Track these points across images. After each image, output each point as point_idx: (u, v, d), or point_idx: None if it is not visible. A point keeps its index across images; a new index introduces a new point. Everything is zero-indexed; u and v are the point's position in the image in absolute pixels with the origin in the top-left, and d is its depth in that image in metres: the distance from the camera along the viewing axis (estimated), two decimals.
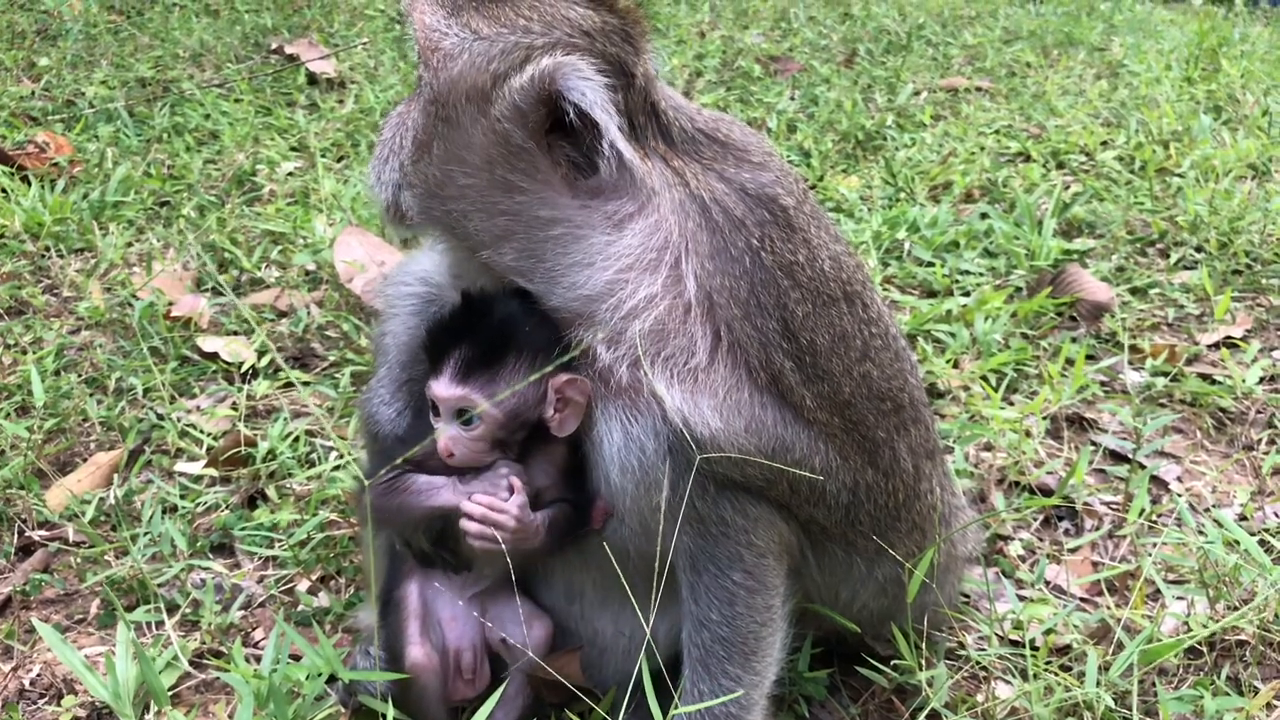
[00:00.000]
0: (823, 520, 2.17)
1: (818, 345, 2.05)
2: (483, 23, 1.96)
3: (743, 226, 2.03)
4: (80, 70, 6.26)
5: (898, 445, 2.21)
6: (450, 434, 2.08)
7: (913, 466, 2.25)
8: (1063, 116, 6.12)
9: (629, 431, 2.02)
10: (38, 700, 2.49)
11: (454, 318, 2.12)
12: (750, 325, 2.01)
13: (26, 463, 3.10)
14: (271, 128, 5.59)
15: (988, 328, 3.82)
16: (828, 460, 2.10)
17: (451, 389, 2.05)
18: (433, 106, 2.00)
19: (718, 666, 2.15)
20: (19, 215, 4.43)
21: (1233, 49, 7.42)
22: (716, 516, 2.07)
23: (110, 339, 3.79)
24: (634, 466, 2.03)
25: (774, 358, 2.02)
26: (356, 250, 4.11)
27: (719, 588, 2.13)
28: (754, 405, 2.02)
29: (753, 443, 2.01)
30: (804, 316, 2.04)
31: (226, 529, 2.96)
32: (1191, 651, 2.58)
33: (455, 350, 2.06)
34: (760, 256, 2.02)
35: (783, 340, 2.02)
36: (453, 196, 2.02)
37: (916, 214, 4.63)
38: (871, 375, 2.14)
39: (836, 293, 2.11)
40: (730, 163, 2.09)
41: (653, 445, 2.01)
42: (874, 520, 2.22)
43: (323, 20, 7.23)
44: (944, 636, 2.57)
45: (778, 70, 6.93)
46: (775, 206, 2.08)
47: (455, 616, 2.23)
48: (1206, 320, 4.10)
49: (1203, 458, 3.38)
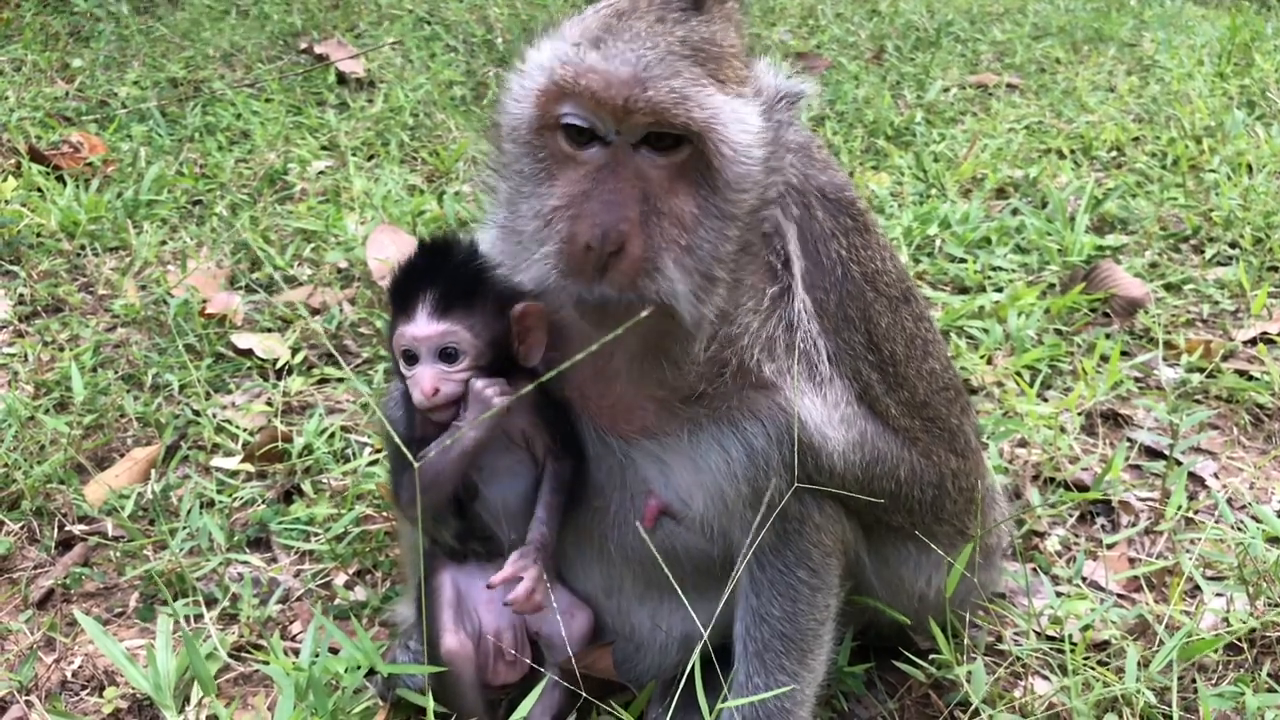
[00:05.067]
0: (901, 522, 2.19)
1: (897, 354, 2.09)
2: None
3: (833, 236, 2.03)
4: (113, 71, 6.31)
5: (965, 426, 2.28)
6: (433, 372, 2.09)
7: (976, 442, 2.33)
8: (1094, 112, 6.07)
9: (750, 442, 2.00)
10: (80, 691, 2.52)
11: (416, 264, 2.12)
12: (840, 339, 2.02)
13: (66, 458, 3.13)
14: (302, 127, 5.62)
15: (1021, 324, 3.80)
16: (913, 465, 2.14)
17: (432, 326, 2.07)
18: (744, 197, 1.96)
19: (774, 661, 2.16)
20: (55, 214, 4.47)
21: (1265, 44, 7.34)
22: (796, 513, 2.07)
23: (146, 336, 3.82)
24: (740, 476, 2.01)
25: (862, 370, 2.04)
26: (389, 248, 4.13)
27: (784, 584, 2.14)
28: (859, 418, 2.04)
29: (857, 456, 2.04)
30: (886, 327, 2.07)
31: (263, 523, 2.98)
32: (1231, 648, 2.57)
33: (425, 292, 2.08)
34: (850, 268, 2.03)
35: (868, 353, 2.05)
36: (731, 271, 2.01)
37: (947, 210, 4.61)
38: (935, 370, 2.18)
39: (901, 294, 2.14)
40: (802, 158, 2.09)
41: (775, 455, 1.99)
42: (957, 506, 2.26)
43: (355, 18, 7.27)
44: (982, 632, 2.56)
45: (806, 67, 6.92)
46: (854, 210, 2.08)
47: (492, 599, 2.24)
48: (1242, 316, 4.06)
49: (1239, 454, 3.36)
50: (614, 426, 2.10)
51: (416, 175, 5.12)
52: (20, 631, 2.66)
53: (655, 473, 2.09)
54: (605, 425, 2.12)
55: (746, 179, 1.83)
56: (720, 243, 1.84)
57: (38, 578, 2.83)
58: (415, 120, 5.71)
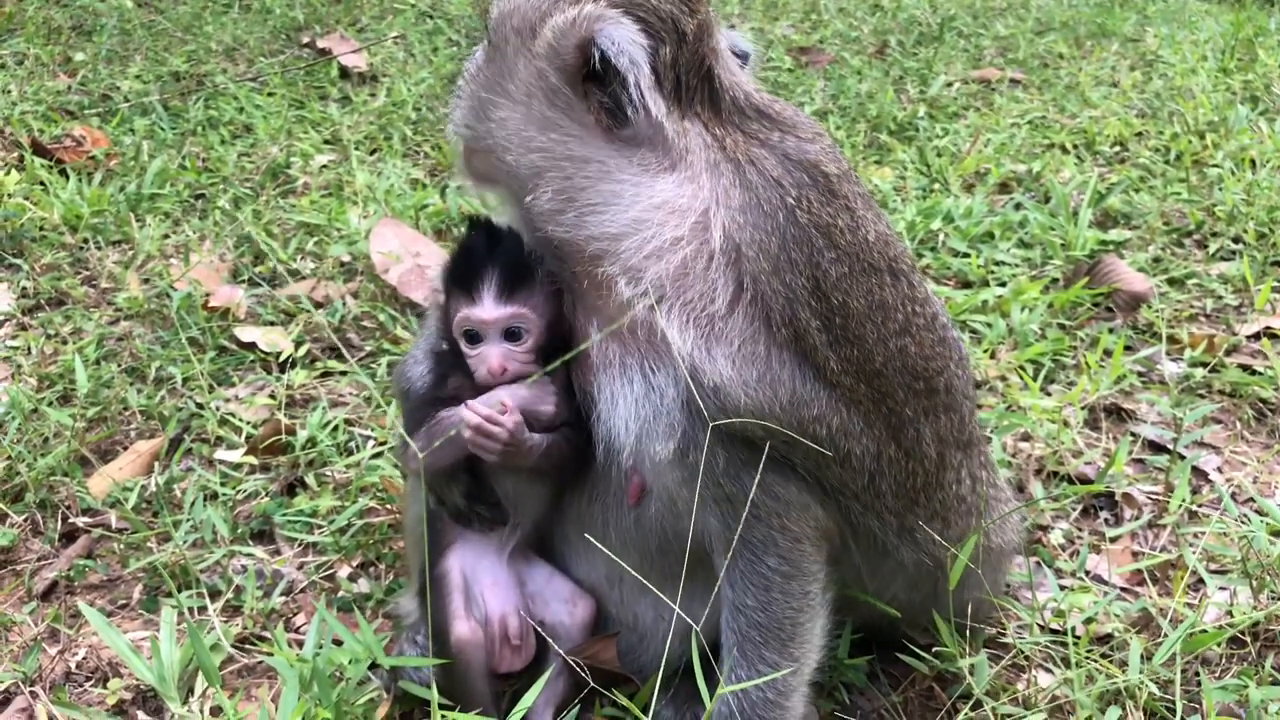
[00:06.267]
0: (850, 484, 2.13)
1: (850, 308, 2.03)
2: None
3: (779, 185, 2.03)
4: (115, 65, 6.30)
5: (923, 428, 2.18)
6: (501, 352, 2.16)
7: (936, 453, 2.21)
8: (1097, 108, 6.07)
9: (650, 380, 2.03)
10: (84, 682, 2.52)
11: (476, 247, 2.19)
12: (778, 280, 1.99)
13: (69, 450, 3.14)
14: (305, 121, 5.62)
15: (1024, 318, 3.80)
16: (847, 422, 2.07)
17: (500, 309, 2.14)
18: (488, 33, 2.12)
19: (754, 652, 2.14)
20: (57, 208, 4.47)
21: (1269, 39, 7.33)
22: (743, 495, 2.04)
23: (149, 329, 3.83)
24: (650, 417, 2.03)
25: (799, 314, 1.99)
26: (392, 241, 4.14)
27: (754, 573, 2.12)
28: (770, 358, 1.99)
29: (765, 394, 1.98)
30: (837, 278, 2.02)
31: (267, 516, 2.98)
32: (1235, 641, 2.57)
33: (490, 275, 2.15)
34: (795, 214, 2.01)
35: (811, 298, 2.00)
36: (495, 123, 2.10)
37: (951, 205, 4.61)
38: (909, 351, 2.11)
39: (880, 264, 2.09)
40: (776, 134, 2.10)
41: (672, 393, 2.01)
42: (894, 496, 2.19)
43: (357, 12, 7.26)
44: (984, 626, 2.56)
45: (809, 62, 6.92)
46: (817, 172, 2.07)
47: (496, 582, 2.24)
48: (1245, 311, 4.06)
49: (1243, 448, 3.36)
50: (585, 377, 2.14)
51: (419, 169, 5.12)
52: (24, 623, 2.66)
53: (605, 418, 2.10)
54: (581, 378, 2.16)
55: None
56: (472, 75, 2.16)
57: (41, 570, 2.83)
58: (418, 114, 5.71)
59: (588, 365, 2.13)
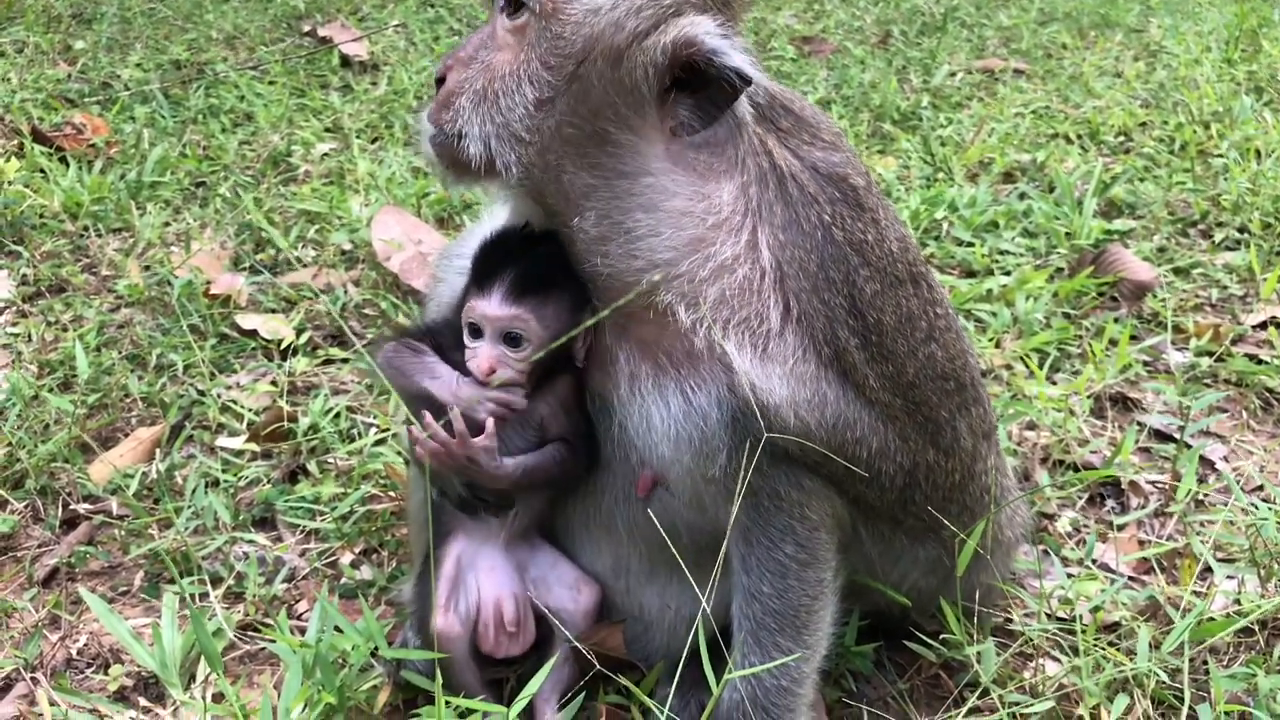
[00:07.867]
0: (873, 501, 2.16)
1: (884, 324, 2.04)
2: None
3: (815, 202, 2.02)
4: (115, 53, 6.28)
5: (959, 425, 2.20)
6: (494, 353, 2.07)
7: (971, 446, 2.24)
8: (1101, 98, 6.05)
9: (692, 400, 1.99)
10: (85, 669, 2.51)
11: (506, 241, 2.10)
12: (818, 299, 1.99)
13: (70, 437, 3.12)
14: (306, 109, 5.60)
15: (1029, 307, 3.78)
16: (885, 442, 2.09)
17: (504, 308, 2.05)
18: (563, 61, 1.92)
19: (769, 639, 2.14)
20: (58, 195, 4.45)
21: (1273, 30, 7.31)
22: (770, 490, 2.06)
23: (150, 316, 3.81)
24: (693, 437, 2.01)
25: (839, 333, 2.00)
26: (394, 229, 4.12)
27: (771, 560, 2.12)
28: (818, 379, 2.00)
29: (814, 417, 1.99)
30: (872, 295, 2.03)
31: (269, 503, 2.97)
32: (1243, 630, 2.55)
33: (507, 272, 2.05)
34: (831, 232, 2.01)
35: (849, 317, 2.01)
36: (555, 149, 1.96)
37: (955, 194, 4.59)
38: (936, 356, 2.14)
39: (904, 274, 2.10)
40: (804, 138, 2.09)
41: (715, 414, 1.99)
42: (929, 502, 2.20)
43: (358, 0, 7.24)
44: (991, 613, 2.54)
45: (812, 51, 6.89)
46: (846, 186, 2.07)
47: (494, 567, 2.22)
48: (1250, 301, 4.05)
49: (1249, 437, 3.34)
50: (603, 384, 2.10)
51: (420, 157, 5.09)
52: (25, 610, 2.64)
53: (634, 434, 2.07)
54: (598, 384, 2.12)
55: (565, 36, 1.90)
56: (519, 96, 1.93)
57: (42, 556, 2.82)
58: (419, 103, 5.69)
59: (610, 380, 2.09)
